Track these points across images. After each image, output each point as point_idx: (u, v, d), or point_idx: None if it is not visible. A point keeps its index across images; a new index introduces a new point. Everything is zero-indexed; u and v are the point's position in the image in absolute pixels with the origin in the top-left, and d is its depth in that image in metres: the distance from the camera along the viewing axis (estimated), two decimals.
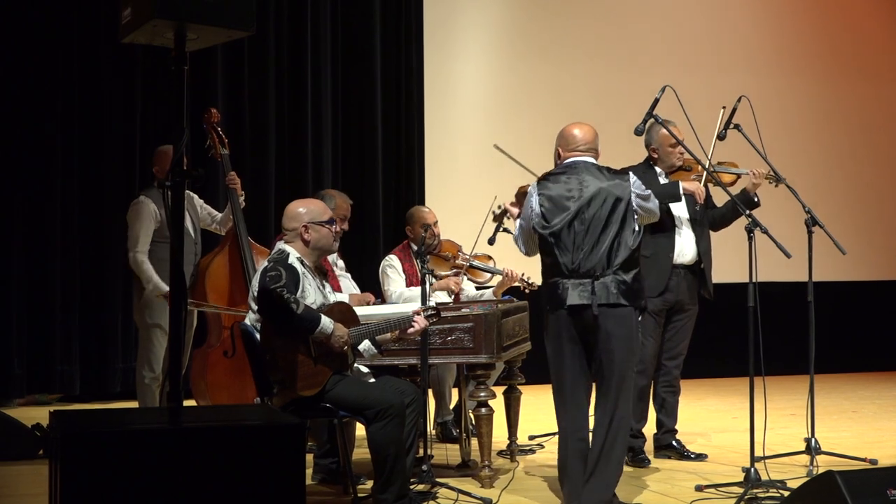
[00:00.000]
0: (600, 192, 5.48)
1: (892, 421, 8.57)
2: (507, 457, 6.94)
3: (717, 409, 9.05)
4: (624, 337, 5.45)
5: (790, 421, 7.54)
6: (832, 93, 11.64)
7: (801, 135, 11.35)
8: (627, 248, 5.45)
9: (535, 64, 10.77)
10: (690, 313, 6.88)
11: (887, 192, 11.75)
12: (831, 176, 11.45)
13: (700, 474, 6.43)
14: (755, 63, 11.30)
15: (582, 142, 5.65)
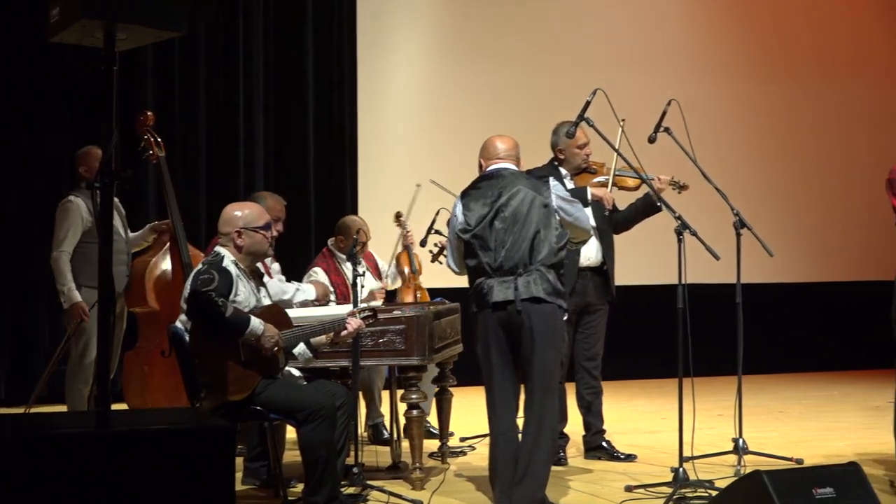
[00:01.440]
0: (519, 192, 5.57)
1: (817, 421, 8.70)
2: (439, 458, 6.95)
3: (646, 409, 9.13)
4: (548, 334, 5.50)
5: (718, 421, 7.62)
6: (760, 96, 11.77)
7: (730, 138, 11.47)
8: (550, 245, 5.51)
9: (469, 65, 10.79)
10: (601, 314, 6.95)
11: (814, 195, 11.91)
12: (760, 178, 11.58)
13: (629, 475, 6.48)
14: (685, 67, 11.41)
15: (502, 151, 5.76)
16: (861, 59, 12.05)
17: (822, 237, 11.87)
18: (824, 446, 7.47)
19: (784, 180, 11.78)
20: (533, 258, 5.51)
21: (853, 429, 8.26)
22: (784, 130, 11.84)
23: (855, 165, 11.70)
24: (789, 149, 11.84)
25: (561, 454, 6.82)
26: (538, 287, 5.47)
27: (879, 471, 6.49)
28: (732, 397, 6.67)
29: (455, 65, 10.77)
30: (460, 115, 10.69)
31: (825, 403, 9.65)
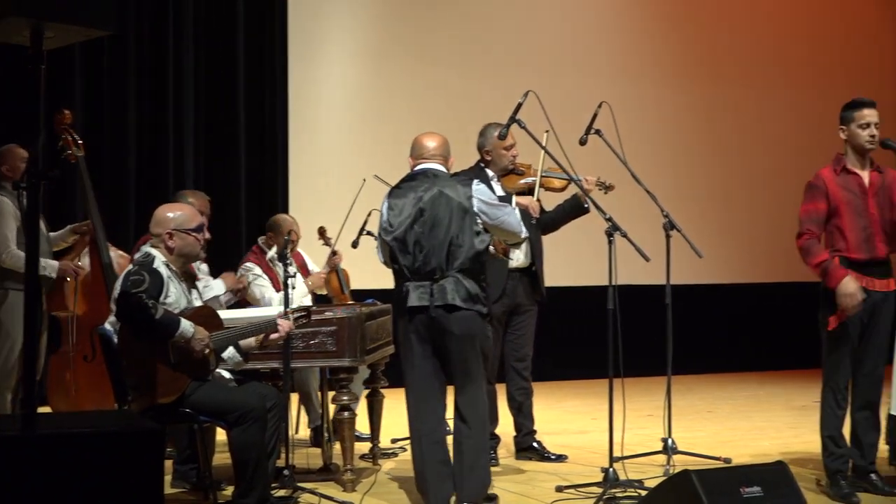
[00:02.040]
0: (441, 196, 5.59)
1: (745, 420, 8.80)
2: (370, 460, 6.94)
3: (576, 410, 9.18)
4: (468, 337, 5.55)
5: (648, 422, 7.68)
6: (689, 99, 11.89)
7: (660, 140, 11.58)
8: (469, 250, 5.54)
9: (401, 67, 10.79)
10: (530, 314, 6.99)
11: (742, 197, 12.05)
12: (689, 180, 11.69)
13: (560, 475, 6.52)
14: (616, 70, 11.49)
15: (429, 150, 5.79)
16: (785, 61, 12.21)
17: (750, 239, 12.02)
18: (752, 446, 7.57)
19: (712, 182, 11.92)
20: (450, 263, 5.55)
21: (780, 428, 8.37)
22: (712, 133, 11.98)
23: (781, 167, 11.86)
24: (717, 151, 11.98)
25: (492, 455, 6.84)
26: (454, 294, 5.51)
27: (805, 469, 6.59)
28: (662, 397, 6.74)
29: (387, 64, 10.76)
30: (393, 114, 10.68)
31: (753, 403, 9.77)
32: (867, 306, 5.90)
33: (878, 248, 5.92)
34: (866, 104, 5.96)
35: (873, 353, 5.99)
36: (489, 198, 5.70)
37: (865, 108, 5.94)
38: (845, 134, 6.00)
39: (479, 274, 5.61)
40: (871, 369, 5.99)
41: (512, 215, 5.72)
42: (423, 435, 5.58)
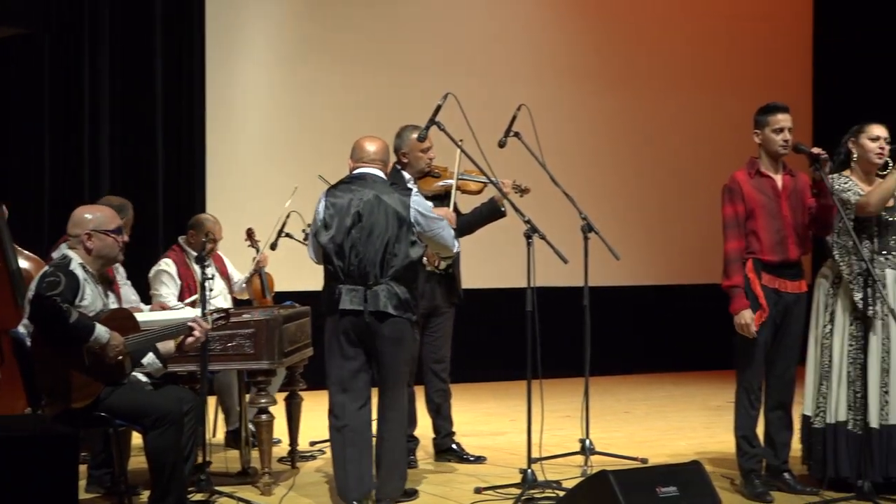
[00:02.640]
0: (379, 203, 5.66)
1: (662, 421, 8.90)
2: (288, 463, 6.91)
3: (495, 412, 9.22)
4: (398, 343, 5.65)
5: (566, 422, 7.74)
6: (608, 102, 11.96)
7: (578, 143, 11.64)
8: (404, 259, 5.64)
9: (320, 68, 10.73)
10: (447, 316, 7.02)
11: (659, 199, 12.16)
12: (607, 183, 11.77)
13: (479, 476, 6.54)
14: (536, 72, 11.55)
15: (369, 154, 5.84)
16: (700, 65, 12.35)
17: (667, 241, 12.14)
18: (668, 446, 7.66)
19: (629, 185, 12.02)
20: (384, 270, 5.63)
21: (696, 428, 8.48)
22: (630, 136, 12.07)
23: (697, 171, 11.98)
24: (636, 154, 12.07)
25: (411, 457, 6.86)
26: (386, 301, 5.60)
27: (720, 469, 6.68)
28: (580, 398, 6.79)
29: (306, 65, 10.70)
30: (312, 116, 10.63)
31: (669, 404, 9.88)
32: (780, 308, 6.02)
33: (790, 250, 6.04)
34: (780, 109, 6.08)
35: (785, 353, 6.10)
36: (426, 209, 5.76)
37: (779, 112, 6.06)
38: (759, 138, 6.10)
39: (411, 282, 5.73)
40: (783, 370, 6.11)
41: (446, 229, 5.80)
42: (343, 427, 5.66)
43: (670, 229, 12.14)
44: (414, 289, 5.74)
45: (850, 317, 6.04)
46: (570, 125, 11.59)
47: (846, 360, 6.04)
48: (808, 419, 6.22)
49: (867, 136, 6.16)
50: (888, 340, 6.00)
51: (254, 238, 7.77)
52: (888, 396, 5.97)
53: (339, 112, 10.52)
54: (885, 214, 6.09)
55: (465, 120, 6.05)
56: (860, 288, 5.92)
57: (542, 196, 7.12)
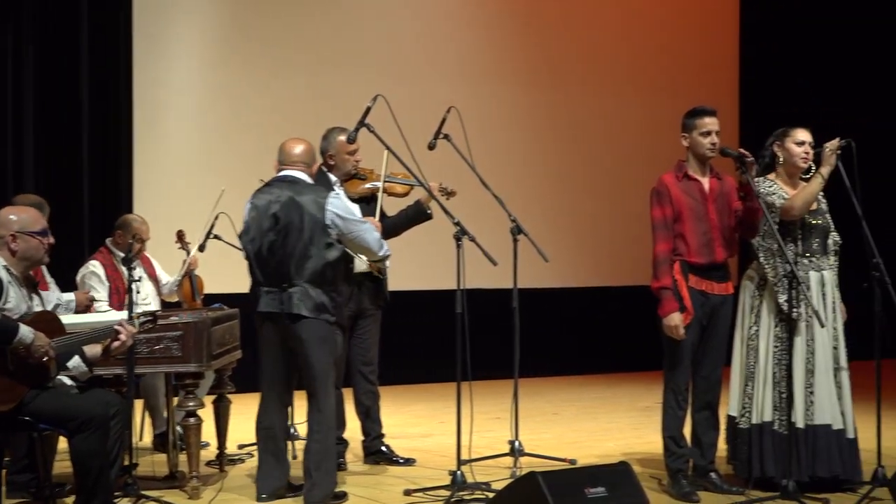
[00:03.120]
0: (297, 205, 5.73)
1: (591, 422, 8.97)
2: (216, 467, 6.87)
3: (424, 414, 9.23)
4: (316, 342, 5.74)
5: (495, 424, 7.78)
6: (538, 103, 11.99)
7: (509, 145, 11.67)
8: (319, 261, 5.70)
9: (249, 69, 10.66)
10: (374, 318, 7.02)
11: (589, 202, 12.23)
12: (537, 185, 11.80)
13: (408, 478, 6.55)
14: (465, 74, 11.57)
15: (291, 156, 5.93)
16: (630, 67, 12.44)
17: (596, 243, 12.21)
18: (597, 447, 7.72)
19: (560, 187, 12.07)
20: (300, 273, 5.71)
21: (624, 429, 8.56)
22: (560, 138, 12.12)
23: (626, 173, 12.07)
24: (566, 156, 12.13)
25: (340, 460, 6.86)
26: (300, 303, 5.69)
27: (648, 469, 6.76)
28: (509, 400, 6.82)
29: (236, 67, 10.62)
30: (242, 117, 10.56)
31: (598, 405, 9.96)
32: (706, 309, 6.09)
33: (717, 252, 6.12)
34: (707, 112, 6.15)
35: (712, 355, 6.18)
36: (345, 211, 5.77)
37: (706, 116, 6.13)
38: (687, 141, 6.18)
39: (327, 284, 5.74)
40: (709, 371, 6.19)
41: (368, 232, 5.81)
42: (262, 427, 5.93)
43: (600, 231, 12.23)
44: (332, 290, 5.77)
45: (776, 318, 6.14)
46: (499, 127, 11.63)
47: (772, 361, 6.14)
48: (733, 419, 6.31)
49: (792, 140, 6.27)
50: (812, 341, 6.12)
51: (184, 240, 7.71)
52: (813, 396, 6.09)
53: (268, 113, 10.47)
54: (808, 217, 6.20)
55: (395, 122, 6.07)
56: (785, 290, 6.02)
57: (472, 198, 7.15)
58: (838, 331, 6.23)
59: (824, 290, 6.20)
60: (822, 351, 6.12)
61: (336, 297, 5.84)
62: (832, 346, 6.18)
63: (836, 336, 6.21)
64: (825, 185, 6.17)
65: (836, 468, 6.08)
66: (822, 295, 6.19)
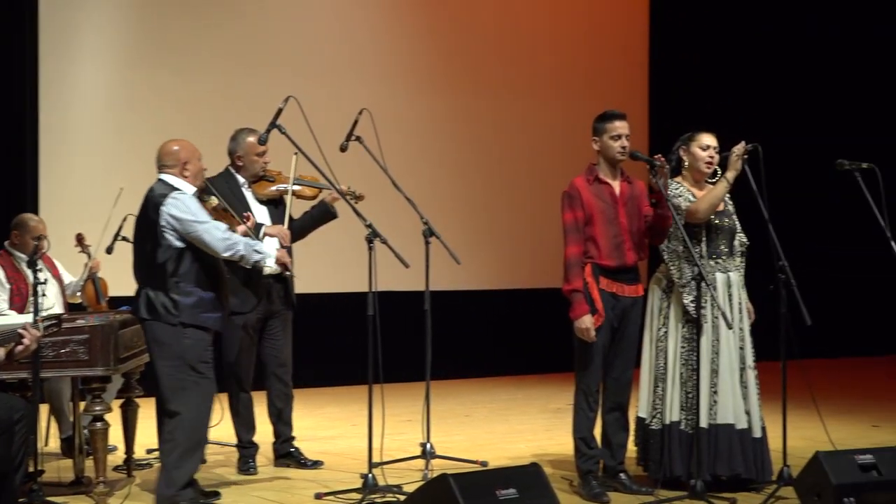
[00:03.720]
0: (144, 207, 5.81)
1: (502, 424, 9.02)
2: (124, 471, 6.79)
3: (336, 416, 9.21)
4: (154, 347, 5.78)
5: (407, 427, 7.79)
6: (453, 106, 12.00)
7: (421, 147, 11.68)
8: (154, 261, 5.72)
9: (157, 69, 10.54)
10: (285, 319, 7.00)
11: (500, 204, 12.28)
12: (449, 188, 11.83)
13: (319, 482, 6.54)
14: (378, 76, 11.56)
15: (159, 159, 5.94)
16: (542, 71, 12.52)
17: (507, 245, 12.26)
18: (508, 448, 7.76)
19: (474, 189, 12.10)
20: (142, 275, 5.81)
21: (535, 431, 8.62)
22: (474, 140, 12.14)
23: (538, 176, 12.15)
24: (480, 158, 12.16)
25: (250, 463, 6.83)
26: (141, 307, 5.76)
27: (559, 470, 6.82)
28: (421, 402, 6.84)
29: (144, 67, 10.48)
30: (150, 118, 10.42)
31: (510, 407, 10.01)
32: (617, 311, 6.17)
33: (627, 255, 6.20)
34: (617, 116, 6.23)
35: (623, 356, 6.26)
36: (184, 211, 5.66)
37: (617, 120, 6.22)
38: (598, 145, 6.25)
39: (167, 284, 5.70)
40: (620, 372, 6.26)
41: (209, 232, 5.66)
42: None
43: (512, 234, 12.29)
44: (173, 291, 5.68)
45: (683, 320, 6.25)
46: (413, 128, 11.64)
47: (679, 362, 6.24)
48: (643, 421, 6.39)
49: (698, 144, 6.38)
50: (718, 342, 6.23)
51: (84, 243, 7.60)
52: (717, 396, 6.20)
53: (177, 114, 10.35)
54: (715, 219, 6.31)
55: (307, 123, 6.05)
56: (691, 291, 6.12)
57: (385, 200, 7.16)
58: (745, 331, 6.35)
59: (731, 291, 6.31)
60: (727, 351, 6.24)
61: (179, 297, 5.70)
62: (738, 347, 6.29)
63: (742, 336, 6.33)
64: (732, 187, 6.28)
65: (737, 467, 6.18)
66: (728, 296, 6.30)
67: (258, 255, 5.83)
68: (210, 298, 5.79)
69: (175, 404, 5.71)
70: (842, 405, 9.41)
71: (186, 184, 5.85)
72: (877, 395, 10.18)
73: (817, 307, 6.21)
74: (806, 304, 5.96)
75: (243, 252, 5.76)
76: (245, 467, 6.84)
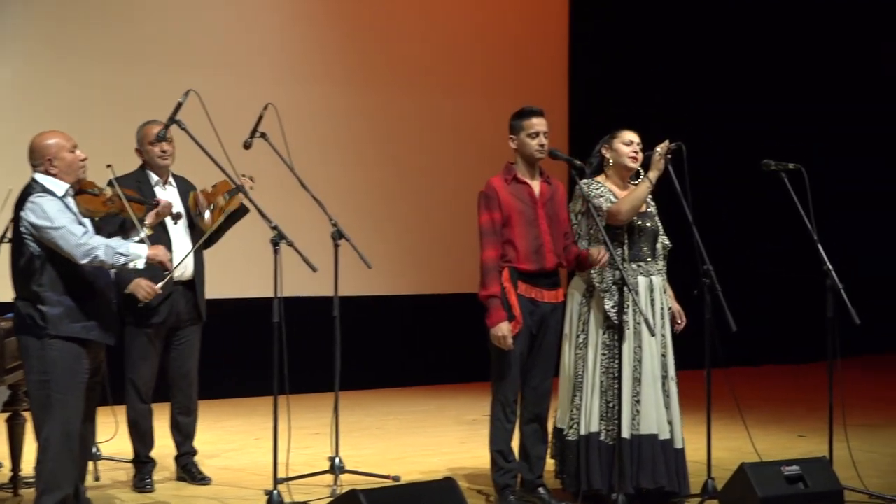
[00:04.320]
0: (14, 211, 5.63)
1: (416, 436, 9.01)
2: (10, 491, 6.67)
3: (239, 430, 9.14)
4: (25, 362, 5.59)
5: (315, 440, 7.75)
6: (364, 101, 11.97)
7: (331, 144, 11.62)
8: (19, 270, 5.58)
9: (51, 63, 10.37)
10: (192, 329, 6.94)
11: (414, 206, 12.29)
12: (361, 189, 11.79)
13: (221, 499, 6.49)
14: (284, 71, 11.49)
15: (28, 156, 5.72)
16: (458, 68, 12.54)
17: (422, 249, 12.27)
18: (422, 462, 7.76)
19: (386, 190, 12.08)
20: (14, 284, 5.61)
21: (450, 444, 8.62)
22: (386, 139, 12.11)
23: (456, 175, 12.18)
24: (392, 158, 12.14)
25: (147, 479, 6.76)
26: (15, 319, 5.64)
27: (475, 485, 6.83)
28: (330, 414, 6.82)
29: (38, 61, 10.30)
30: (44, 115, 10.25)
31: (424, 418, 10.01)
32: (536, 318, 6.19)
33: (547, 258, 6.22)
34: (535, 113, 6.26)
35: (541, 365, 6.28)
36: (41, 216, 5.47)
37: (534, 116, 6.24)
38: (515, 143, 6.27)
39: (32, 293, 5.53)
40: (538, 382, 6.29)
41: (64, 238, 5.48)
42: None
43: (426, 237, 12.29)
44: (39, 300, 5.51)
45: (604, 326, 6.28)
46: (323, 125, 11.59)
47: (599, 370, 6.26)
48: (560, 432, 6.41)
49: (621, 140, 6.43)
50: (640, 349, 6.27)
51: None
52: (639, 406, 6.23)
53: (73, 110, 10.19)
54: (637, 220, 6.36)
55: (208, 118, 6.00)
56: (612, 297, 6.17)
57: (291, 200, 7.14)
58: (667, 338, 6.40)
59: (653, 295, 6.35)
60: (649, 359, 6.28)
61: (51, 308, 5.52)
62: (661, 354, 6.34)
63: (664, 344, 6.37)
64: (655, 188, 6.33)
65: (660, 479, 6.23)
66: (650, 301, 6.34)
67: (122, 257, 5.55)
68: (81, 307, 5.58)
69: (42, 423, 5.54)
70: (767, 415, 9.56)
71: (57, 181, 5.61)
72: (803, 404, 10.34)
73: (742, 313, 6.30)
74: (731, 310, 6.04)
75: (103, 257, 5.51)
76: (141, 484, 6.76)
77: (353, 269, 6.93)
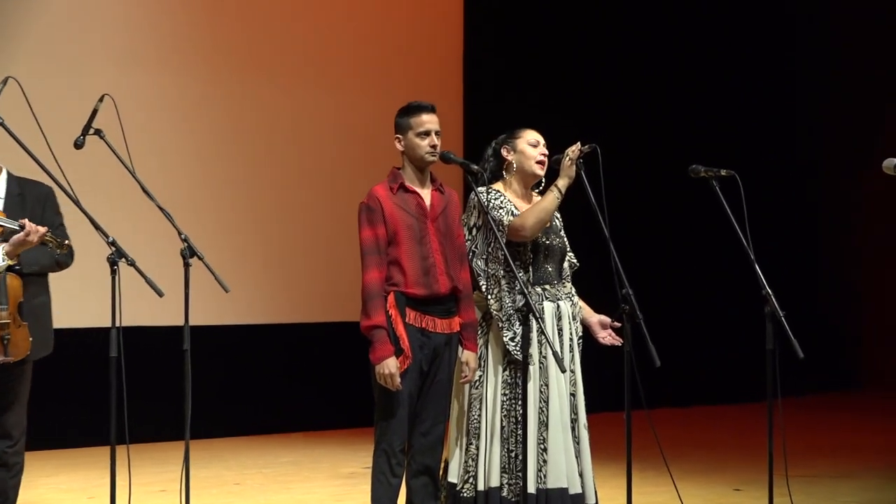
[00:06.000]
0: None
1: (282, 493, 8.96)
2: None
3: (70, 486, 9.02)
4: None
5: (161, 499, 7.67)
6: (224, 96, 11.90)
7: (182, 144, 11.54)
8: None
9: None
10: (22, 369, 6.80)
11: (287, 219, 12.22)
12: (220, 197, 11.73)
13: None
14: (128, 56, 11.38)
15: None
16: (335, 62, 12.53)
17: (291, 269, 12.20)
18: None
19: (249, 201, 12.00)
20: None
21: (323, 501, 8.59)
22: (250, 141, 12.03)
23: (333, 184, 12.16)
24: (256, 164, 12.06)
25: None
26: None
27: None
28: (179, 468, 6.72)
29: None
30: None
31: (293, 471, 9.96)
32: (427, 351, 6.12)
33: (440, 282, 6.13)
34: (425, 109, 6.19)
35: (433, 408, 6.21)
36: None
37: (424, 113, 6.18)
38: (402, 144, 6.21)
39: None
40: (429, 427, 6.21)
41: None
42: None
43: (298, 257, 12.24)
44: None
45: (503, 361, 6.25)
46: (175, 123, 11.50)
47: (500, 414, 6.24)
48: (454, 487, 6.37)
49: (525, 141, 6.41)
50: (546, 388, 6.24)
51: None
52: (546, 455, 6.22)
53: None
54: (542, 237, 6.35)
55: (31, 110, 5.90)
56: (511, 327, 6.15)
57: (132, 210, 7.05)
58: (577, 375, 6.39)
59: (560, 324, 6.34)
60: (557, 400, 6.25)
61: None
62: (569, 394, 6.34)
63: (574, 381, 6.37)
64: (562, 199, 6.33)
65: None
66: (558, 330, 6.33)
67: None
68: None
69: None
70: (697, 464, 9.66)
71: None
72: (738, 451, 10.47)
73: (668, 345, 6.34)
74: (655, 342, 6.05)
75: None
76: None
77: (209, 293, 6.85)
